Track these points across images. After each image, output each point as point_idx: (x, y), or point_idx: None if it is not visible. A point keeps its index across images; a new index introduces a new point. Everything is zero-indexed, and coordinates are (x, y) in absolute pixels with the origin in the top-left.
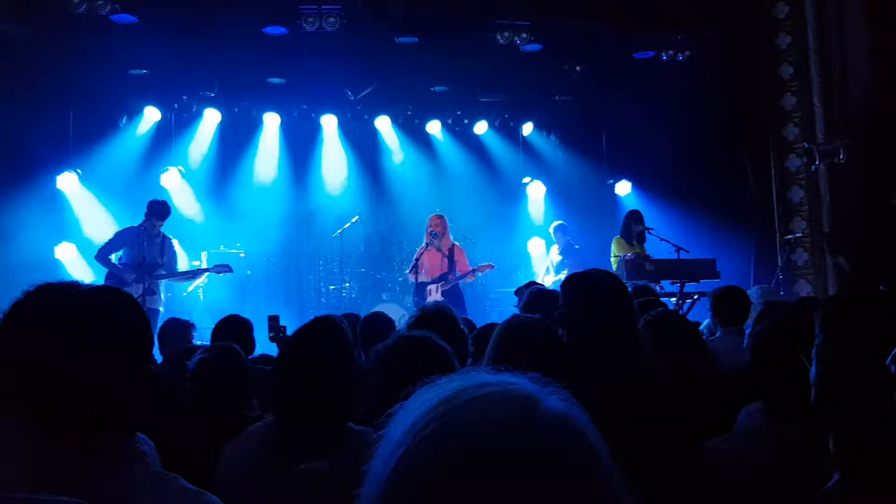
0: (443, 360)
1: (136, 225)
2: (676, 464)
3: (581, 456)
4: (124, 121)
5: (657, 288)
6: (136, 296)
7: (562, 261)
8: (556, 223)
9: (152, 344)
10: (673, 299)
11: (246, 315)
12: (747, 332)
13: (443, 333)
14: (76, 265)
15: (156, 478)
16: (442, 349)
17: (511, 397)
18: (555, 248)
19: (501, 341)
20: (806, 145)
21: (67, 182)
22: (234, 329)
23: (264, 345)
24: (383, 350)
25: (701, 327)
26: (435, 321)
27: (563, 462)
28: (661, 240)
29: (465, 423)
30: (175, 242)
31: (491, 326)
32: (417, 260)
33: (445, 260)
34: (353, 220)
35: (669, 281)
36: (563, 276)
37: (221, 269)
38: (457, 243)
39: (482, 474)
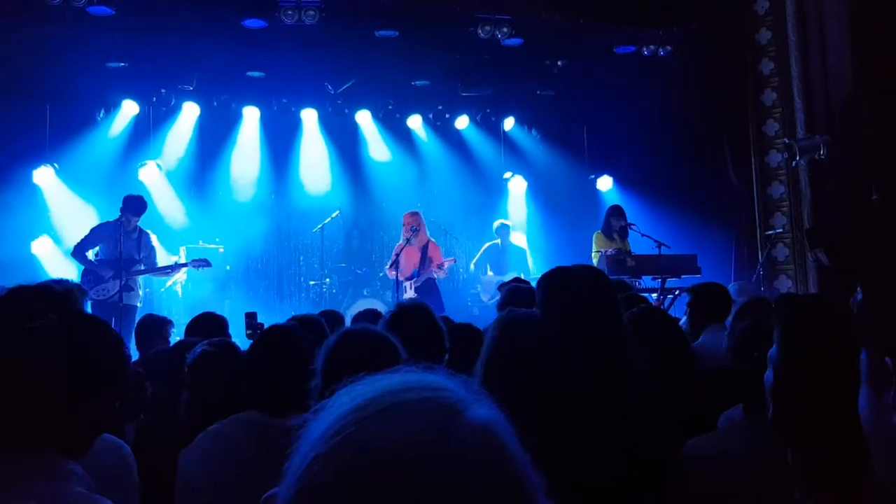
0: (389, 353)
1: (112, 220)
2: (658, 461)
3: (500, 472)
4: (102, 114)
5: (635, 283)
6: (113, 292)
7: (503, 257)
8: (499, 222)
9: (108, 372)
10: (654, 295)
11: (225, 311)
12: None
13: (420, 330)
14: (53, 260)
15: (79, 500)
16: (387, 342)
17: (430, 407)
18: (497, 241)
19: (501, 337)
20: (786, 141)
21: (44, 176)
22: (208, 326)
23: (241, 342)
24: (326, 349)
25: (681, 322)
26: (411, 318)
27: (480, 479)
28: (643, 235)
29: (376, 434)
30: (153, 237)
31: (468, 326)
32: (397, 256)
33: (420, 256)
34: (334, 214)
35: (650, 276)
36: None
37: (199, 263)
38: (432, 239)
39: (388, 491)
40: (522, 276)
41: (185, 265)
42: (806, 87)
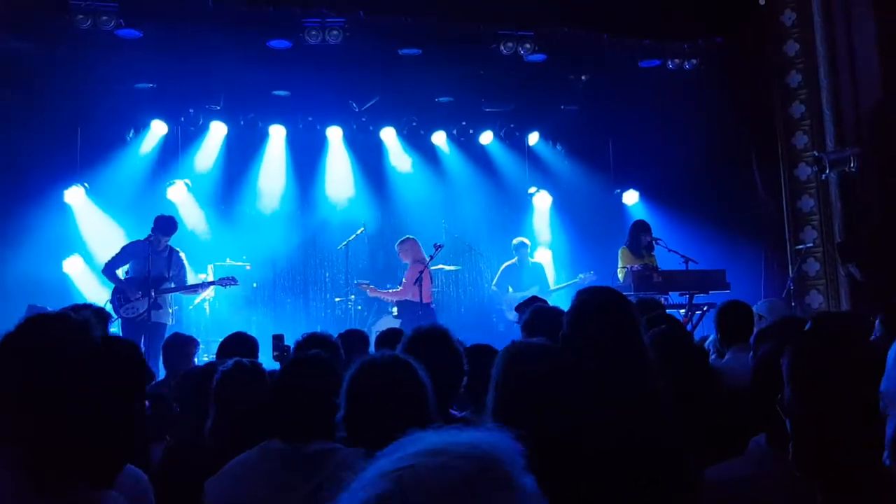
0: (412, 380)
1: (142, 239)
2: (682, 487)
3: None
4: (131, 134)
5: (663, 299)
6: (141, 311)
7: (521, 275)
8: (517, 240)
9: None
10: (682, 311)
11: (252, 327)
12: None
13: (437, 354)
14: (84, 279)
15: None
16: (410, 368)
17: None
18: (514, 261)
19: (507, 370)
20: (816, 154)
21: (75, 196)
22: (238, 347)
23: (268, 363)
24: (350, 376)
25: (707, 343)
26: (429, 342)
27: None
28: (670, 250)
29: None
30: (183, 256)
31: (485, 347)
32: (419, 278)
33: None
34: (359, 231)
35: (678, 292)
36: (533, 290)
37: (227, 282)
38: (418, 262)
39: None
40: (538, 292)
41: (212, 283)
42: (835, 98)
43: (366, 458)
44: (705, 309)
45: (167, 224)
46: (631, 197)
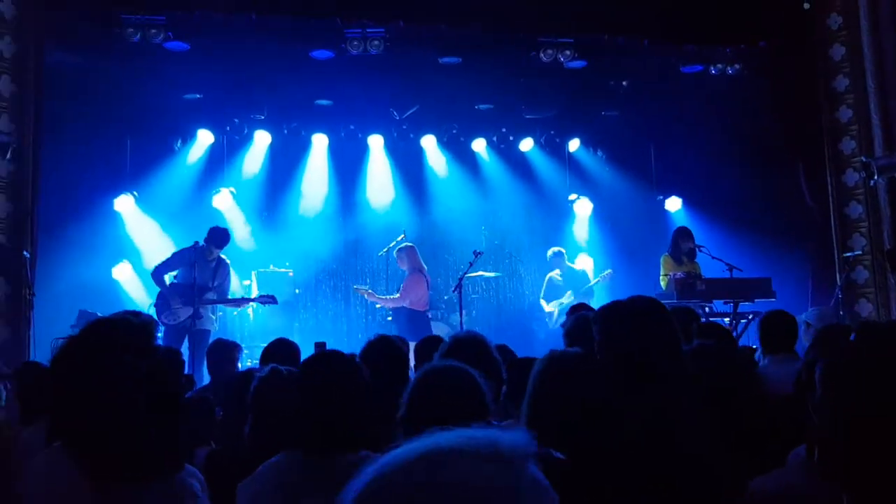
0: (473, 392)
1: (193, 246)
2: (704, 499)
3: None
4: (178, 144)
5: (707, 307)
6: (183, 317)
7: (564, 283)
8: (551, 251)
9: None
10: (726, 319)
11: (294, 335)
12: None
13: (475, 362)
14: (133, 285)
15: None
16: (473, 381)
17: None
18: (556, 273)
19: (542, 376)
20: (864, 159)
21: (124, 204)
22: (282, 353)
23: None
24: (413, 384)
25: (757, 354)
26: (467, 350)
27: None
28: (713, 258)
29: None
30: (228, 264)
31: (528, 360)
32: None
33: None
34: (399, 238)
35: (722, 301)
36: (567, 298)
37: (266, 300)
38: (416, 271)
39: None
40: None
41: (253, 300)
42: (883, 102)
43: None
44: (750, 318)
45: (221, 236)
46: (674, 204)
